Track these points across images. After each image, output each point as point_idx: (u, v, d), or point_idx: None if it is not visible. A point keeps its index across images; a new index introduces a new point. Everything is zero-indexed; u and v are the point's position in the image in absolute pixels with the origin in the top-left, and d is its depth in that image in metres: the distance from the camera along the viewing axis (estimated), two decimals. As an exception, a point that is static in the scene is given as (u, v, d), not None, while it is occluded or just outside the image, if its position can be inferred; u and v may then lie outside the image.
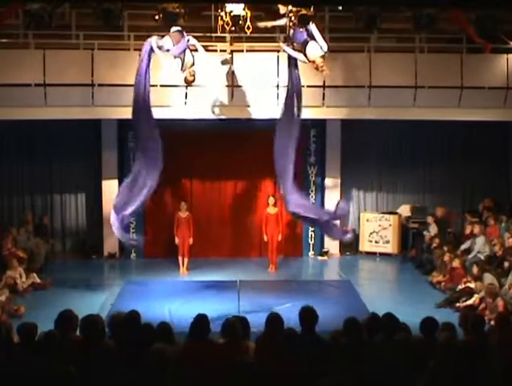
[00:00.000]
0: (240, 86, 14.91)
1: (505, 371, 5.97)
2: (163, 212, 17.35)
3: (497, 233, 15.46)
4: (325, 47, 12.58)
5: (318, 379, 5.66)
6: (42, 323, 7.08)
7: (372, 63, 14.96)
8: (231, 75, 14.83)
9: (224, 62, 14.76)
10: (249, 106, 14.99)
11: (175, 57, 13.01)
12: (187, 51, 12.94)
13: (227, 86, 14.88)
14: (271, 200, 16.31)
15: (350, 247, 17.95)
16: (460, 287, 13.56)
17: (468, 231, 15.76)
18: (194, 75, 13.02)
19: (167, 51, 12.54)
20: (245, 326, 7.31)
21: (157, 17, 13.00)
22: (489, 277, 13.06)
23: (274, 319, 7.13)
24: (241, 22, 13.15)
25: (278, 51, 14.90)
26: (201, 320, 6.90)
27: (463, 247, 15.57)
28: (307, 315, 7.02)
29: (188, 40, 12.75)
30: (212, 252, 17.53)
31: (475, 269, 13.58)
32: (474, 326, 7.14)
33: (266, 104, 15.03)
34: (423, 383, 5.77)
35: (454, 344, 6.24)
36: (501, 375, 5.93)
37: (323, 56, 12.61)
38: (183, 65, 12.90)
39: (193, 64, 13.09)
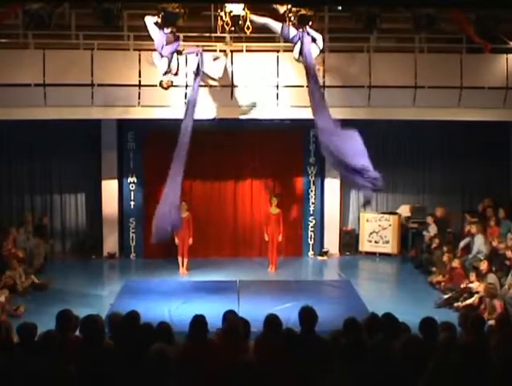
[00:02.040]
0: (239, 86, 14.91)
1: (504, 372, 5.97)
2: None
3: (497, 233, 15.46)
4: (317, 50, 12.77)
5: (318, 379, 5.66)
6: (41, 323, 7.08)
7: (371, 63, 14.97)
8: (231, 75, 14.83)
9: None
10: (249, 106, 14.99)
11: (162, 56, 13.13)
12: (175, 56, 13.06)
13: (227, 86, 14.87)
14: (274, 200, 16.28)
15: (350, 247, 17.97)
16: (461, 286, 13.55)
17: (467, 231, 15.78)
18: (170, 86, 13.39)
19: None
20: (246, 327, 7.30)
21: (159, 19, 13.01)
22: (492, 278, 13.06)
23: (272, 321, 7.12)
24: (240, 22, 13.15)
25: (278, 51, 14.94)
26: (199, 321, 6.90)
27: (462, 244, 15.58)
28: (307, 315, 7.01)
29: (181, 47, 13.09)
30: (212, 252, 17.53)
31: (483, 266, 13.58)
32: (474, 325, 7.13)
33: (266, 104, 15.03)
34: (422, 383, 5.77)
35: (454, 344, 6.24)
36: (500, 375, 5.93)
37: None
38: (168, 67, 13.07)
39: (176, 74, 13.30)
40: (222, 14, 13.21)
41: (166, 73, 13.35)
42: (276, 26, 13.06)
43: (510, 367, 5.98)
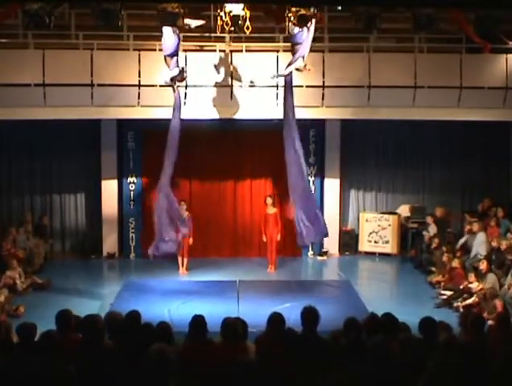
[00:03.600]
0: (239, 86, 14.91)
1: (504, 371, 5.97)
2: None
3: (497, 233, 15.46)
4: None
5: (318, 379, 5.66)
6: (41, 323, 7.08)
7: (371, 63, 14.98)
8: (230, 75, 14.84)
9: (221, 60, 14.78)
10: (248, 106, 14.99)
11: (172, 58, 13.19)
12: (175, 65, 13.11)
13: (226, 86, 14.88)
14: (269, 200, 16.30)
15: (349, 247, 17.97)
16: (461, 287, 13.55)
17: (467, 229, 15.78)
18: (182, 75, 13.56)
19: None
20: (244, 327, 7.29)
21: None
22: (492, 278, 13.05)
23: (276, 319, 7.12)
24: (240, 22, 13.15)
25: (278, 51, 14.94)
26: (198, 321, 6.90)
27: (461, 241, 15.59)
28: (309, 316, 6.99)
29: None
30: (212, 252, 17.53)
31: (482, 265, 13.56)
32: (474, 325, 7.13)
33: (265, 104, 15.03)
34: (422, 383, 5.77)
35: (454, 344, 6.24)
36: (500, 375, 5.93)
37: None
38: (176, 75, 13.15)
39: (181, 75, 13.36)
40: (222, 14, 13.22)
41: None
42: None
43: (510, 367, 5.98)
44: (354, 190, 18.47)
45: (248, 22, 13.17)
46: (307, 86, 14.73)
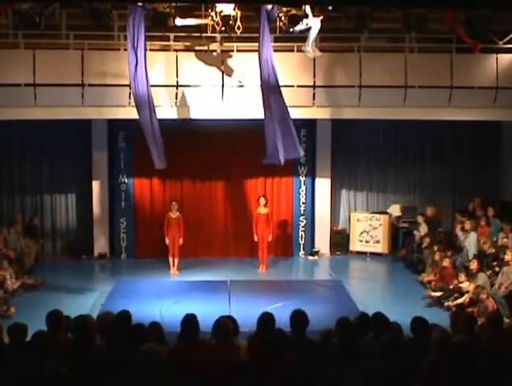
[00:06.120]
0: (230, 86, 14.90)
1: (495, 369, 5.99)
2: (154, 213, 17.35)
3: (487, 233, 15.49)
4: None
5: (310, 378, 5.66)
6: (32, 324, 7.05)
7: (362, 63, 14.99)
8: (221, 75, 14.82)
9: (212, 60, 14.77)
10: (239, 106, 14.98)
11: None
12: None
13: (217, 86, 14.86)
14: (262, 201, 16.30)
15: (341, 246, 17.99)
16: (451, 286, 13.58)
17: (457, 229, 15.81)
18: None
19: None
20: (235, 326, 7.28)
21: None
22: (482, 277, 13.07)
23: (266, 319, 7.10)
24: (231, 22, 13.14)
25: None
26: (190, 320, 6.88)
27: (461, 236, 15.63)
28: (298, 319, 6.95)
29: None
30: (203, 252, 17.53)
31: (473, 265, 13.58)
32: (466, 324, 7.14)
33: (256, 105, 15.00)
34: (416, 383, 5.78)
35: (447, 344, 6.24)
36: (492, 374, 5.95)
37: None
38: None
39: None
40: (213, 14, 13.20)
41: None
42: None
43: (500, 365, 6.00)
44: (345, 189, 18.50)
45: (239, 22, 13.17)
46: (297, 86, 14.74)
